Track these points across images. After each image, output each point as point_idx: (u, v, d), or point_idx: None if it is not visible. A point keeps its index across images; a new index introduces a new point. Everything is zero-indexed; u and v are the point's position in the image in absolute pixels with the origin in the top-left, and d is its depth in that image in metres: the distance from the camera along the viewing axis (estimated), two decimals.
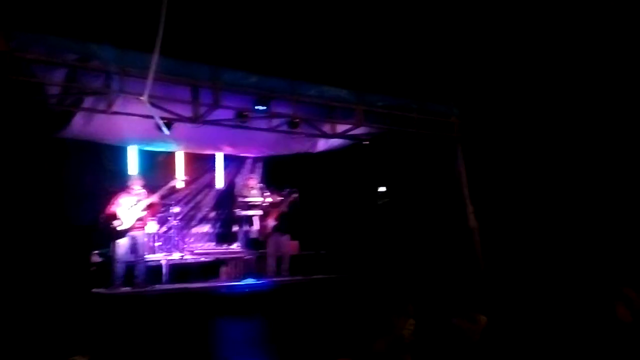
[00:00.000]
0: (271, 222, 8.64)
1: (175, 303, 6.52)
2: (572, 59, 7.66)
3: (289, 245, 8.85)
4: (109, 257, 7.44)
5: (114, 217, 7.00)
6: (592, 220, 7.27)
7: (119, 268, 6.94)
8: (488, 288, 7.26)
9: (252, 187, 9.89)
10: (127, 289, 6.91)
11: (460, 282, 7.21)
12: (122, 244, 6.98)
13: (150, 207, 7.21)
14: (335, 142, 9.33)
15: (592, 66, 7.46)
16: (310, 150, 9.93)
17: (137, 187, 7.26)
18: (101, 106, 6.47)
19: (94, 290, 6.67)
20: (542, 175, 7.98)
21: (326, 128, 8.32)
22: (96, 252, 7.61)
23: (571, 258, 7.10)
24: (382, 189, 9.83)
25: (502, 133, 8.41)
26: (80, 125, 7.10)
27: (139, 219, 7.09)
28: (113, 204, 7.06)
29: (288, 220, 8.75)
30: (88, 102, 6.65)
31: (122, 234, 6.97)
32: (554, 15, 7.54)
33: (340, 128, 8.38)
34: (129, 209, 7.03)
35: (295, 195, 8.80)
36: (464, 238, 8.33)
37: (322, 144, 9.70)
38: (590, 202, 7.43)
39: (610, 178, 7.29)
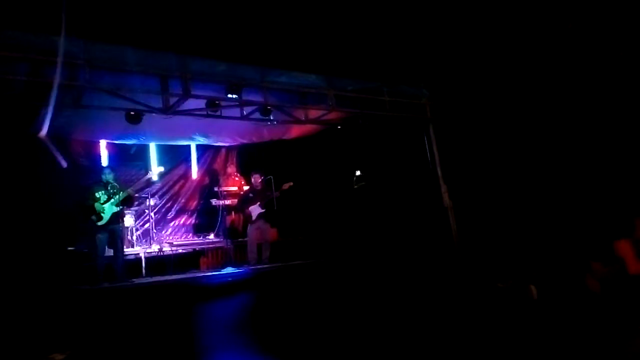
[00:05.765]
0: (256, 210, 8.61)
1: (156, 296, 6.49)
2: (539, 40, 7.78)
3: (270, 232, 8.83)
4: (85, 253, 7.37)
5: (90, 212, 6.94)
6: (561, 197, 7.46)
7: (100, 263, 6.90)
8: (462, 265, 7.44)
9: (230, 176, 9.91)
10: (107, 284, 6.87)
11: (436, 260, 7.37)
12: (101, 238, 6.93)
13: (126, 200, 7.15)
14: (308, 127, 9.34)
15: (560, 48, 7.58)
16: (284, 137, 9.93)
17: (111, 180, 7.16)
18: (68, 100, 6.36)
19: (74, 286, 6.61)
20: (513, 152, 8.14)
21: (298, 114, 8.32)
22: (71, 248, 7.53)
23: (542, 233, 7.30)
24: (358, 172, 9.91)
25: (472, 113, 8.53)
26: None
27: (116, 213, 7.04)
28: (88, 199, 6.98)
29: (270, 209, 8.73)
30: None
31: (100, 228, 6.92)
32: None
33: (313, 114, 8.40)
34: (105, 203, 6.97)
35: (290, 184, 8.66)
36: (438, 216, 8.50)
37: (296, 130, 9.70)
38: (559, 177, 7.62)
39: (578, 156, 7.46)
